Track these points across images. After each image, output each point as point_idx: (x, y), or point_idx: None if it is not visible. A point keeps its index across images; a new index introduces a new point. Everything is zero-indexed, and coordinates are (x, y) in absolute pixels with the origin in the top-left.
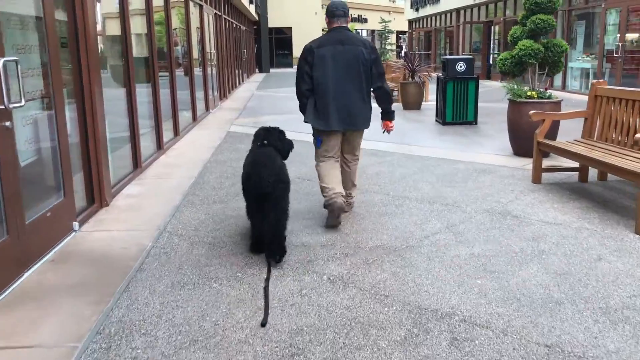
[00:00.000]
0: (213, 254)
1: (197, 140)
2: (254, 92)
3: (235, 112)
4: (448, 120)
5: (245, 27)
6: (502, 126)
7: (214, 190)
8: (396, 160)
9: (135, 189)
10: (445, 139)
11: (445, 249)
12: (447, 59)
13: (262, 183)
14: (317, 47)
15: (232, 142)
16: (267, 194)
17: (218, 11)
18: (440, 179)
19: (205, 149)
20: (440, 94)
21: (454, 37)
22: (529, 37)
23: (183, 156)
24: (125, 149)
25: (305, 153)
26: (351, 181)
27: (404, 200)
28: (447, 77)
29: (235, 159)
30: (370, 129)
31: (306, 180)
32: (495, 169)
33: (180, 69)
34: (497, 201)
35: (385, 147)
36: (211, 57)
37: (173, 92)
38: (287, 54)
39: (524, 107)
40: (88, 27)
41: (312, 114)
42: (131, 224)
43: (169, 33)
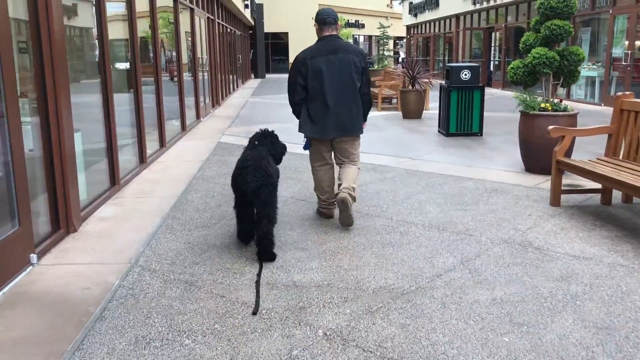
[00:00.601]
0: (189, 296)
1: (184, 152)
2: (248, 98)
3: (227, 121)
4: (452, 131)
5: (241, 32)
6: (509, 138)
7: (197, 213)
8: (398, 177)
9: (109, 211)
10: (450, 152)
11: (461, 291)
12: (451, 66)
13: (247, 185)
14: (310, 59)
15: (222, 154)
16: (253, 195)
17: (211, 15)
18: (449, 199)
19: (193, 163)
20: (444, 104)
21: (453, 44)
22: (543, 44)
23: (167, 171)
24: (101, 164)
25: (300, 167)
26: (352, 177)
27: (409, 227)
28: (451, 85)
29: (224, 174)
30: (370, 142)
31: (300, 200)
32: (507, 188)
33: (167, 75)
34: (515, 228)
35: (386, 161)
36: (202, 63)
37: (159, 100)
38: (284, 59)
39: (538, 121)
40: (52, 26)
41: (308, 124)
42: (99, 255)
43: (155, 37)
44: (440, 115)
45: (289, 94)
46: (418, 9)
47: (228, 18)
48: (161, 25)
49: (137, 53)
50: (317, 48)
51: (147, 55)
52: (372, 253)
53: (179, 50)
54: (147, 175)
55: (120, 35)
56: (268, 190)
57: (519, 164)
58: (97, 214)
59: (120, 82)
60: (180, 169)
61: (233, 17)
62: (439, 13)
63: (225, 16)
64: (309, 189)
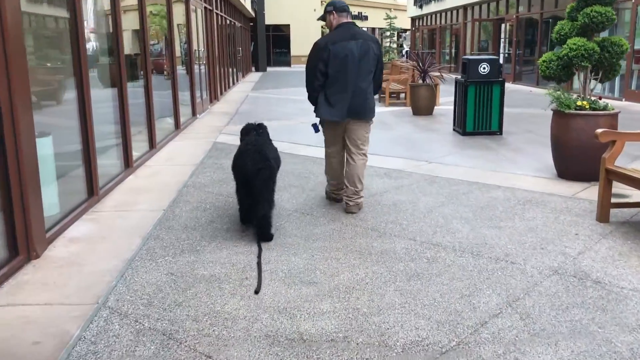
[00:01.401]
0: (165, 356)
1: (176, 154)
2: (249, 93)
3: (225, 118)
4: (469, 130)
5: (241, 24)
6: (531, 137)
7: (184, 232)
8: (416, 185)
9: (83, 229)
10: (470, 155)
11: (516, 349)
12: (469, 59)
13: (247, 169)
14: (332, 44)
15: (217, 156)
16: (253, 179)
17: (208, 5)
18: (478, 213)
19: (185, 167)
20: (460, 100)
21: (460, 35)
22: (580, 34)
23: (156, 177)
24: (77, 172)
25: (305, 172)
26: (357, 176)
27: (437, 251)
28: (468, 80)
29: (218, 181)
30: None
31: (305, 214)
32: (542, 198)
33: (160, 69)
34: (563, 253)
35: (400, 164)
36: (199, 56)
37: (148, 96)
38: (285, 52)
39: (574, 121)
40: (5, 14)
41: (325, 107)
42: (61, 291)
43: (143, 27)
44: (455, 112)
45: (308, 81)
46: (424, 0)
47: (227, 9)
48: (150, 15)
49: (121, 45)
50: (337, 34)
51: (133, 47)
52: (395, 289)
53: (172, 42)
54: (132, 183)
55: (100, 24)
56: (266, 174)
57: (549, 169)
58: (68, 232)
59: (101, 76)
60: (170, 174)
61: (233, 9)
62: (446, 4)
63: (224, 7)
64: (315, 199)
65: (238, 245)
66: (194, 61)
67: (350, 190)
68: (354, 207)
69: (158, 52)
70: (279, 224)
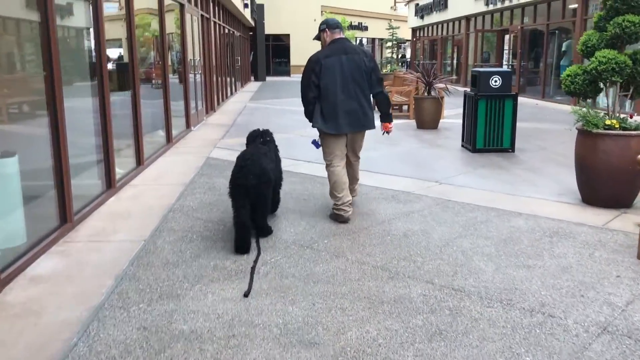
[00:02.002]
0: None
1: (165, 171)
2: (247, 103)
3: (221, 130)
4: (479, 147)
5: (240, 33)
6: (546, 155)
7: (165, 270)
8: (428, 210)
9: (50, 265)
10: (483, 175)
11: None
12: (479, 72)
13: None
14: (324, 58)
15: (210, 174)
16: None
17: (206, 13)
18: (501, 248)
19: (173, 187)
20: (470, 114)
21: (462, 46)
22: (610, 45)
23: (140, 199)
24: (48, 196)
25: (304, 193)
26: (355, 177)
27: (460, 298)
28: (478, 94)
29: (208, 204)
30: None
31: (305, 247)
32: (570, 229)
33: (150, 78)
34: (609, 303)
35: (408, 185)
36: (194, 65)
37: (136, 108)
38: (285, 61)
39: (602, 141)
40: None
41: (321, 120)
42: (6, 355)
43: (131, 33)
44: (464, 128)
45: (303, 93)
46: (425, 11)
47: (226, 18)
48: (140, 22)
49: (103, 51)
50: (330, 49)
51: (119, 55)
52: (415, 354)
53: (164, 50)
54: (113, 206)
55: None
56: (264, 187)
57: (571, 193)
58: (32, 269)
59: (80, 85)
60: (156, 196)
61: (232, 17)
62: (448, 14)
63: (223, 16)
64: (316, 227)
65: (226, 289)
66: (189, 70)
67: (353, 186)
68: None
69: (148, 60)
70: (274, 260)
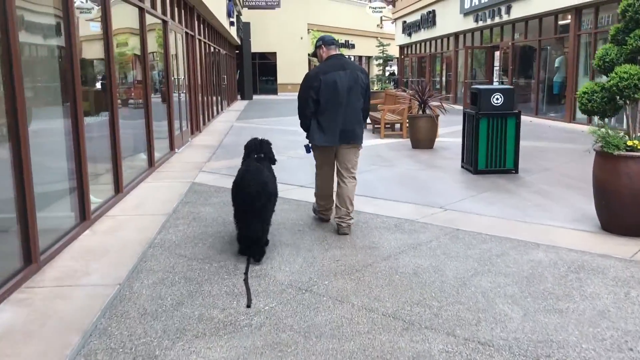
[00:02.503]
0: None
1: (146, 199)
2: (234, 123)
3: (207, 152)
4: (481, 168)
5: (226, 51)
6: (551, 177)
7: (142, 322)
8: (437, 242)
9: (6, 317)
10: (489, 199)
11: None
12: (480, 89)
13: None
14: (323, 74)
15: (195, 202)
16: (252, 204)
17: (190, 31)
18: (525, 288)
19: (154, 218)
20: (470, 134)
21: (452, 63)
22: (630, 60)
23: (117, 232)
24: (10, 231)
25: (299, 222)
26: (348, 198)
27: (489, 355)
28: (479, 112)
29: (192, 238)
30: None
31: (303, 291)
32: (595, 262)
33: (133, 98)
34: None
35: (411, 212)
36: (179, 84)
37: (114, 131)
38: (272, 79)
39: (624, 164)
40: None
41: (318, 134)
42: None
43: (109, 52)
44: (464, 148)
45: (300, 108)
46: (412, 28)
47: (212, 36)
48: (120, 39)
49: (76, 71)
50: (327, 65)
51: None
52: None
53: (146, 68)
54: (87, 241)
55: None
56: (266, 199)
57: (588, 219)
58: None
59: (50, 107)
60: (135, 228)
61: (218, 35)
62: (436, 32)
63: (208, 33)
64: (314, 265)
65: (213, 347)
66: (173, 89)
67: (342, 212)
68: (346, 228)
69: (128, 80)
70: (268, 308)
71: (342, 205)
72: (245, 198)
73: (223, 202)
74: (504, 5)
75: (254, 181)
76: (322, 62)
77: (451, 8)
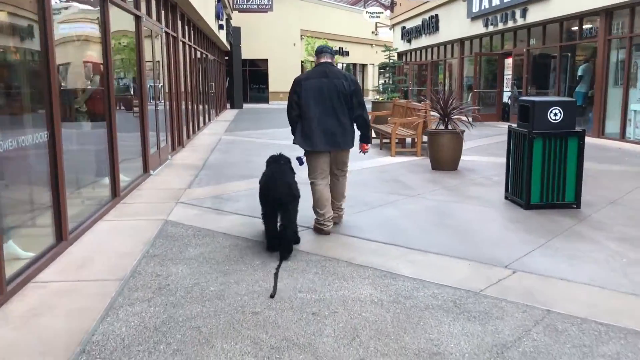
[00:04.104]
0: None
1: (97, 251)
2: (222, 136)
3: (188, 174)
4: (534, 202)
5: (215, 57)
6: (624, 212)
7: None
8: (529, 341)
9: None
10: (565, 251)
11: None
12: (533, 101)
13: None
14: (304, 80)
15: (165, 256)
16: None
17: (173, 32)
18: None
19: (102, 286)
20: (519, 158)
21: (456, 71)
22: None
23: (40, 319)
24: None
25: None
26: (341, 193)
27: None
28: (533, 131)
29: (154, 329)
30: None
31: None
32: None
33: (90, 111)
34: None
35: (466, 275)
36: (155, 92)
37: (55, 154)
38: (263, 87)
39: None
40: None
41: (300, 137)
42: None
43: (47, 46)
44: (510, 174)
45: (287, 111)
46: (412, 34)
47: (199, 39)
48: (69, 37)
49: None
50: (312, 72)
51: (25, 78)
52: None
53: (109, 74)
54: None
55: None
56: (292, 198)
57: None
58: None
59: None
60: (67, 311)
61: (205, 39)
62: (439, 38)
63: (195, 37)
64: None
65: None
66: (147, 99)
67: (335, 205)
68: (337, 218)
69: (79, 87)
70: None
71: (335, 200)
72: (275, 196)
73: (204, 257)
74: (519, 8)
75: (282, 181)
76: (311, 68)
77: (457, 12)
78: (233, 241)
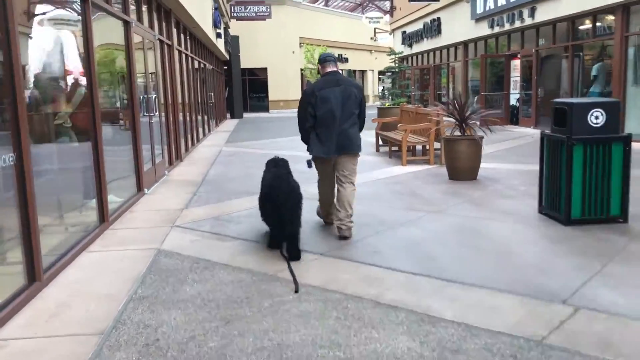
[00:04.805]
0: None
1: (76, 294)
2: (222, 147)
3: (186, 192)
4: (575, 217)
5: (213, 67)
6: None
7: None
8: None
9: None
10: (629, 279)
11: None
12: (572, 104)
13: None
14: (318, 90)
15: (156, 299)
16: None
17: (167, 39)
18: None
19: (77, 343)
20: (556, 167)
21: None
22: None
23: None
24: None
25: None
26: (347, 202)
27: None
28: (572, 137)
29: None
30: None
31: None
32: None
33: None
34: None
35: (519, 316)
36: (147, 104)
37: (23, 178)
38: (263, 96)
39: None
40: None
41: (317, 145)
42: None
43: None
44: (543, 186)
45: (299, 123)
46: (413, 38)
47: (196, 48)
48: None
49: None
50: (323, 81)
51: None
52: None
53: (93, 85)
54: None
55: None
56: (295, 198)
57: None
58: None
59: None
60: None
61: (203, 48)
62: (442, 41)
63: (192, 45)
64: None
65: None
66: (139, 112)
67: (342, 214)
68: (346, 230)
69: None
70: None
71: (341, 209)
72: (280, 197)
73: (202, 298)
74: (526, 8)
75: (285, 182)
76: (319, 79)
77: (460, 14)
78: (236, 275)
